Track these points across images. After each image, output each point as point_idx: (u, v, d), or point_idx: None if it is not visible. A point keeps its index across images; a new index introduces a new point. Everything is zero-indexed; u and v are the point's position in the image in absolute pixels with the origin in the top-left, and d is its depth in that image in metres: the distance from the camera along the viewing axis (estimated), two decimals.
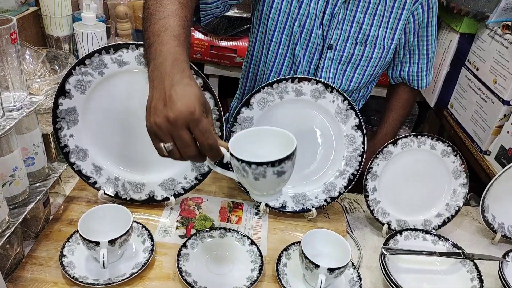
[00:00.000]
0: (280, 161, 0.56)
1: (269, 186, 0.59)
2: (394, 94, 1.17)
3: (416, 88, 1.12)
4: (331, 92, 0.85)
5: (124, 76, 0.78)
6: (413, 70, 1.08)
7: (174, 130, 0.55)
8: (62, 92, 0.77)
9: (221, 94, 1.81)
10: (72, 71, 0.76)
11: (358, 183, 0.90)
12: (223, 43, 1.64)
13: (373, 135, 1.22)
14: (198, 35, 1.63)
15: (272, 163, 0.56)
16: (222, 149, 0.58)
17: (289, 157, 0.57)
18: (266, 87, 0.84)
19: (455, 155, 0.89)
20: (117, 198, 0.85)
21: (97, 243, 0.66)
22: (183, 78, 0.57)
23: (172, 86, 0.56)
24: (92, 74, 0.77)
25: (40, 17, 1.06)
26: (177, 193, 0.86)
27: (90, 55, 0.76)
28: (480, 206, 0.92)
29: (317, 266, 0.69)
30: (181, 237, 0.82)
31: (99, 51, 0.76)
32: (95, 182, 0.84)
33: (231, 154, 0.58)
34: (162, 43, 0.61)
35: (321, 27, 0.94)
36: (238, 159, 0.57)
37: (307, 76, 0.84)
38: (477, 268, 0.80)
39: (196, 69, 0.77)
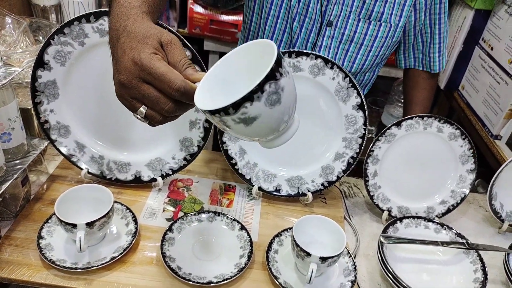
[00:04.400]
0: (236, 105, 0.38)
1: (244, 135, 0.43)
2: (415, 84, 1.05)
3: (429, 70, 1.01)
4: (331, 68, 0.78)
5: (106, 47, 0.71)
6: (426, 50, 0.99)
7: (133, 91, 0.46)
8: (40, 63, 0.72)
9: None
10: (51, 40, 0.71)
11: (359, 167, 0.85)
12: (224, 17, 1.56)
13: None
14: (198, 8, 1.55)
15: (224, 110, 0.39)
16: None
17: (249, 98, 0.38)
18: None
19: (464, 139, 0.83)
20: (102, 178, 0.81)
21: (74, 225, 0.62)
22: (125, 27, 0.47)
23: (117, 42, 0.48)
24: (72, 44, 0.72)
25: None
26: (164, 174, 0.82)
27: (69, 23, 0.70)
28: (487, 194, 0.86)
29: (308, 254, 0.64)
30: (168, 220, 0.77)
31: (78, 19, 0.70)
32: (78, 161, 0.79)
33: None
34: (119, 3, 0.53)
35: (319, 1, 0.86)
36: (197, 105, 0.43)
37: (306, 51, 0.78)
38: (481, 260, 0.75)
39: (180, 36, 0.70)
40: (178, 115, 0.49)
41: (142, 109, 0.47)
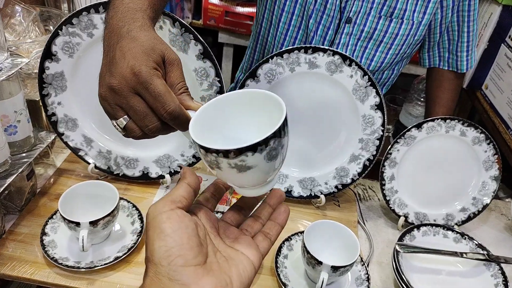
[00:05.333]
0: (238, 152, 0.36)
1: (231, 179, 0.41)
2: (439, 85, 0.99)
3: (455, 70, 0.96)
4: (350, 65, 0.74)
5: None
6: (453, 48, 0.93)
7: (122, 99, 0.43)
8: (48, 54, 0.70)
9: (236, 65, 1.71)
10: (59, 31, 0.69)
11: (375, 168, 0.81)
12: (239, 9, 1.53)
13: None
14: None
15: (225, 153, 0.37)
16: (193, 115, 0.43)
17: (253, 148, 0.37)
18: (275, 57, 0.75)
19: (488, 144, 0.79)
20: (109, 173, 0.79)
21: (78, 224, 0.60)
22: (130, 30, 0.45)
23: (117, 43, 0.45)
24: (81, 36, 0.69)
25: None
26: (173, 171, 0.79)
27: (77, 14, 0.68)
28: (511, 201, 0.82)
29: (319, 262, 0.61)
30: None
31: (87, 9, 0.67)
32: (86, 155, 0.77)
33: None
34: (124, 1, 0.49)
35: None
36: (193, 138, 0.39)
37: (323, 46, 0.74)
38: (503, 273, 0.71)
39: (192, 30, 0.67)
40: (157, 135, 0.46)
41: (123, 120, 0.44)
